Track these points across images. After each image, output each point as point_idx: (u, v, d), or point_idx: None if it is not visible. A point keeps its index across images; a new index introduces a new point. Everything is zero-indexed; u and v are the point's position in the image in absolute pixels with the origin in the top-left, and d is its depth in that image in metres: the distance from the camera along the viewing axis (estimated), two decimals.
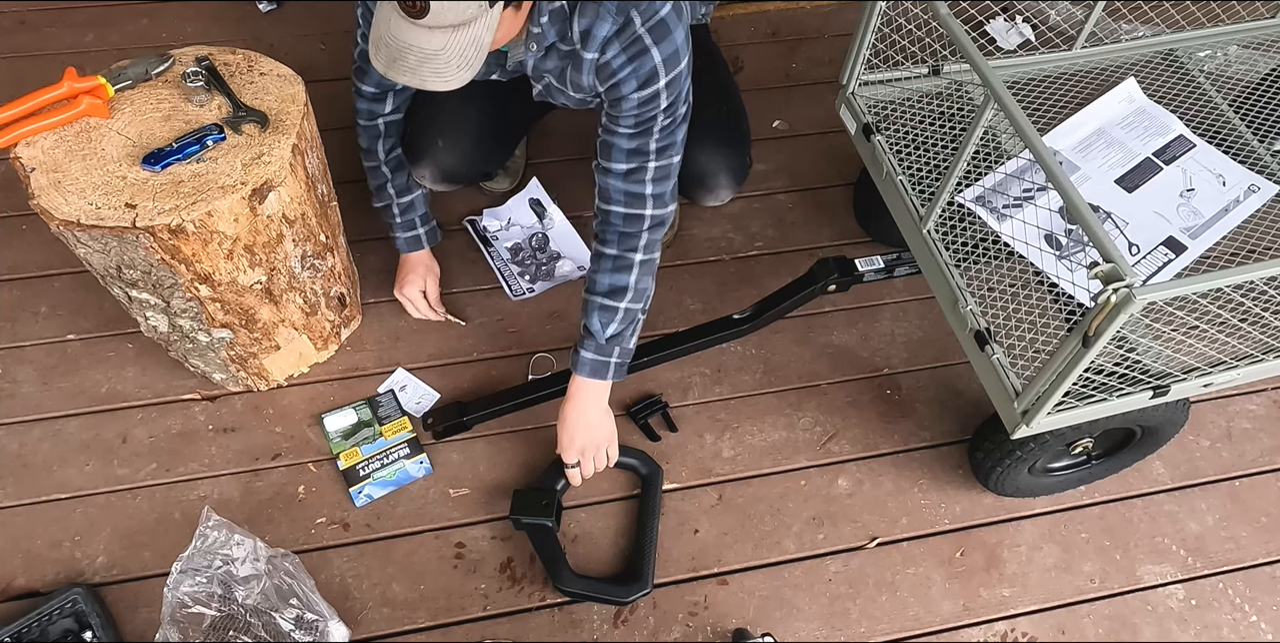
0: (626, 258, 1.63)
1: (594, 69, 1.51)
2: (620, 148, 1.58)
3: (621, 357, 1.69)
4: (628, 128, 1.56)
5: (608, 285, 1.64)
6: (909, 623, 1.75)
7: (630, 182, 1.60)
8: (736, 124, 1.87)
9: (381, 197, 1.87)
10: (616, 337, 1.67)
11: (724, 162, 1.81)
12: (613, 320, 1.65)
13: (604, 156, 1.61)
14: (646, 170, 1.59)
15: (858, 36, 1.70)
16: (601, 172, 1.62)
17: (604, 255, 1.64)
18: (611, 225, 1.63)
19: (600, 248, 1.65)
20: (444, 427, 1.87)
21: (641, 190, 1.61)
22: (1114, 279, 1.19)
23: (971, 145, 1.46)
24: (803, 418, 1.97)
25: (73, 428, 1.88)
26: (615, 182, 1.60)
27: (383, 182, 1.85)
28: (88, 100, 1.52)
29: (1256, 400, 2.04)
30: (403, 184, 1.86)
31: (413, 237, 1.93)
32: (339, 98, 1.67)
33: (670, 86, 1.51)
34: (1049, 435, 1.61)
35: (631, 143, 1.57)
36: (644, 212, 1.62)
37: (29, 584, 1.70)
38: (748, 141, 1.89)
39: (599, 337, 1.66)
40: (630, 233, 1.63)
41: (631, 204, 1.61)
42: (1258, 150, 1.81)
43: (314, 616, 1.59)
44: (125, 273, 1.56)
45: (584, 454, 1.74)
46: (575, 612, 1.73)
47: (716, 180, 1.83)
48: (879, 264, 1.83)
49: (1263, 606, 1.80)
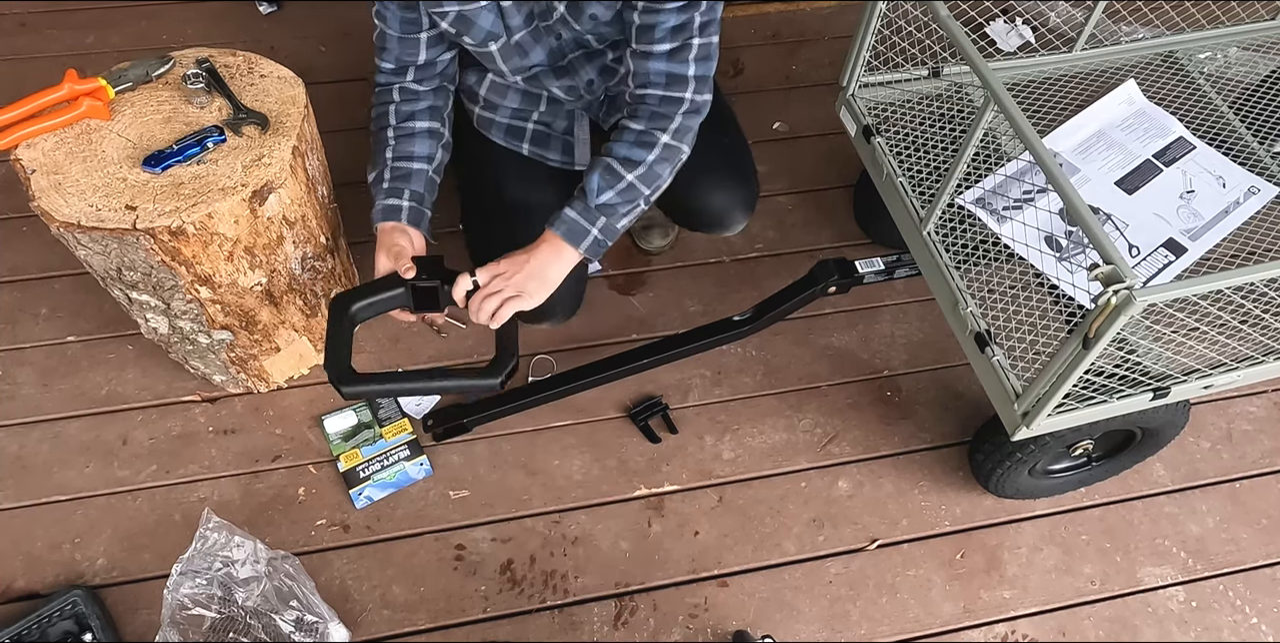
0: (652, 135, 1.56)
1: None
2: (665, 26, 1.49)
3: (604, 233, 1.58)
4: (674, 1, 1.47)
5: (623, 155, 1.56)
6: (909, 625, 1.75)
7: (674, 61, 1.52)
8: (740, 156, 1.86)
9: (377, 163, 1.66)
10: (608, 206, 1.56)
11: (734, 197, 1.81)
12: (612, 187, 1.56)
13: (642, 39, 1.51)
14: (691, 48, 1.51)
15: (857, 38, 1.70)
16: (640, 56, 1.53)
17: (628, 129, 1.56)
18: (646, 105, 1.56)
19: (627, 122, 1.57)
20: (445, 428, 1.87)
21: (684, 71, 1.53)
22: (1114, 281, 1.19)
23: (971, 147, 1.46)
24: (803, 420, 1.97)
25: (73, 430, 1.88)
26: (657, 63, 1.52)
27: (382, 147, 1.66)
28: (88, 102, 1.52)
29: (1257, 402, 2.04)
30: (405, 151, 1.66)
31: (392, 206, 1.63)
32: (340, 100, 1.67)
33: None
34: (1049, 437, 1.61)
35: (678, 18, 1.48)
36: (684, 94, 1.55)
37: (29, 586, 1.70)
38: (753, 170, 1.88)
39: (590, 197, 1.56)
40: (664, 114, 1.56)
41: (672, 85, 1.54)
42: (1258, 152, 1.81)
43: (314, 617, 1.59)
44: (125, 275, 1.56)
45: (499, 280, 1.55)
46: (576, 614, 1.73)
47: (731, 218, 1.83)
48: (879, 266, 1.83)
49: (1263, 607, 1.80)
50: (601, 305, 2.10)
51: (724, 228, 1.86)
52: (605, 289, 2.13)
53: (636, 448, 1.91)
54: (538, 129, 1.82)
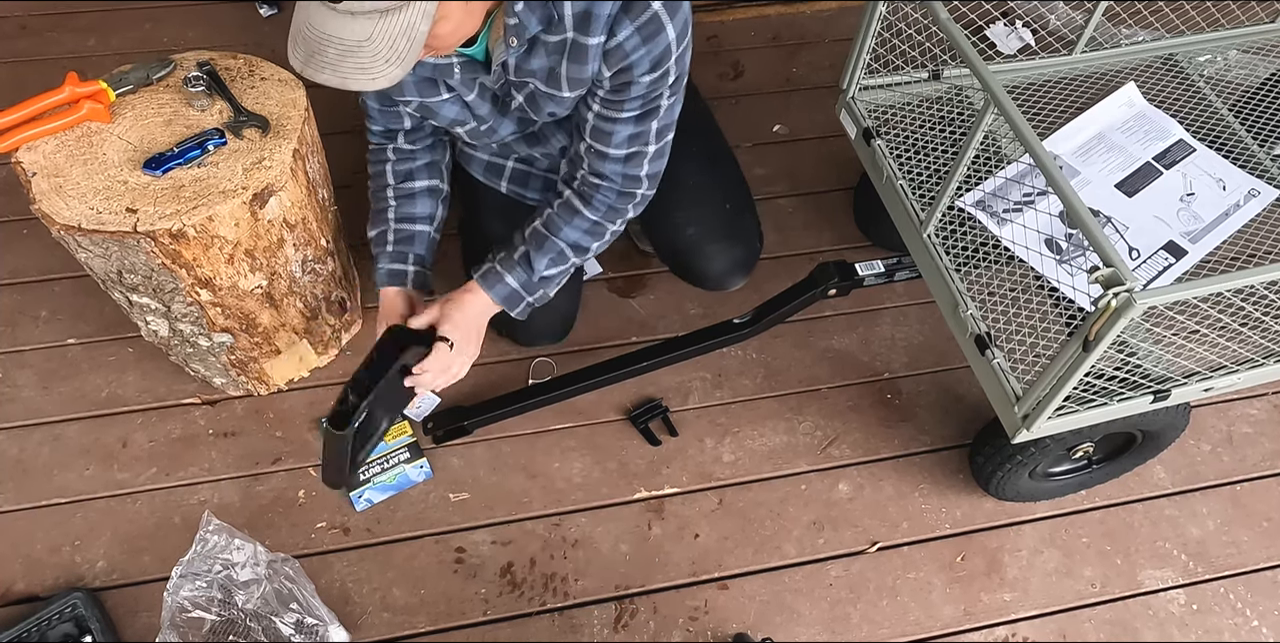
0: (604, 227, 1.59)
1: (601, 55, 1.35)
2: (620, 134, 1.48)
3: (538, 300, 1.63)
4: (632, 111, 1.45)
5: (573, 241, 1.58)
6: (910, 628, 1.75)
7: (629, 165, 1.53)
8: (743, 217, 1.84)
9: (378, 222, 1.69)
10: (548, 280, 1.61)
11: (735, 262, 1.82)
12: (557, 266, 1.60)
13: (598, 140, 1.50)
14: (646, 155, 1.52)
15: (858, 41, 1.70)
16: (595, 155, 1.52)
17: (582, 215, 1.57)
18: (601, 197, 1.56)
19: (579, 205, 1.57)
20: (444, 431, 1.87)
21: (638, 173, 1.54)
22: (1115, 284, 1.19)
23: (972, 150, 1.46)
24: (803, 422, 1.97)
25: (73, 432, 1.88)
26: (613, 166, 1.52)
27: (383, 206, 1.69)
28: (89, 105, 1.52)
29: (1257, 405, 2.04)
30: (407, 213, 1.68)
31: (397, 270, 1.66)
32: (340, 102, 1.67)
33: (678, 62, 1.40)
34: (1050, 440, 1.61)
35: (636, 127, 1.47)
36: (637, 191, 1.57)
37: (29, 589, 1.70)
38: (756, 227, 1.86)
39: (535, 273, 1.59)
40: (617, 209, 1.58)
41: (628, 185, 1.56)
42: (1258, 155, 1.81)
43: (314, 620, 1.59)
44: (126, 277, 1.56)
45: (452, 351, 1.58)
46: (576, 617, 1.73)
47: (731, 281, 1.85)
48: (879, 269, 1.83)
49: (1264, 610, 1.80)
50: (601, 308, 2.10)
51: (722, 289, 1.88)
52: (605, 292, 2.13)
53: (637, 451, 1.91)
54: (517, 168, 1.83)
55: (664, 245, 1.88)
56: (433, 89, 1.51)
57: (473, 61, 1.45)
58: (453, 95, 1.52)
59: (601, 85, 1.42)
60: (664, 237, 1.85)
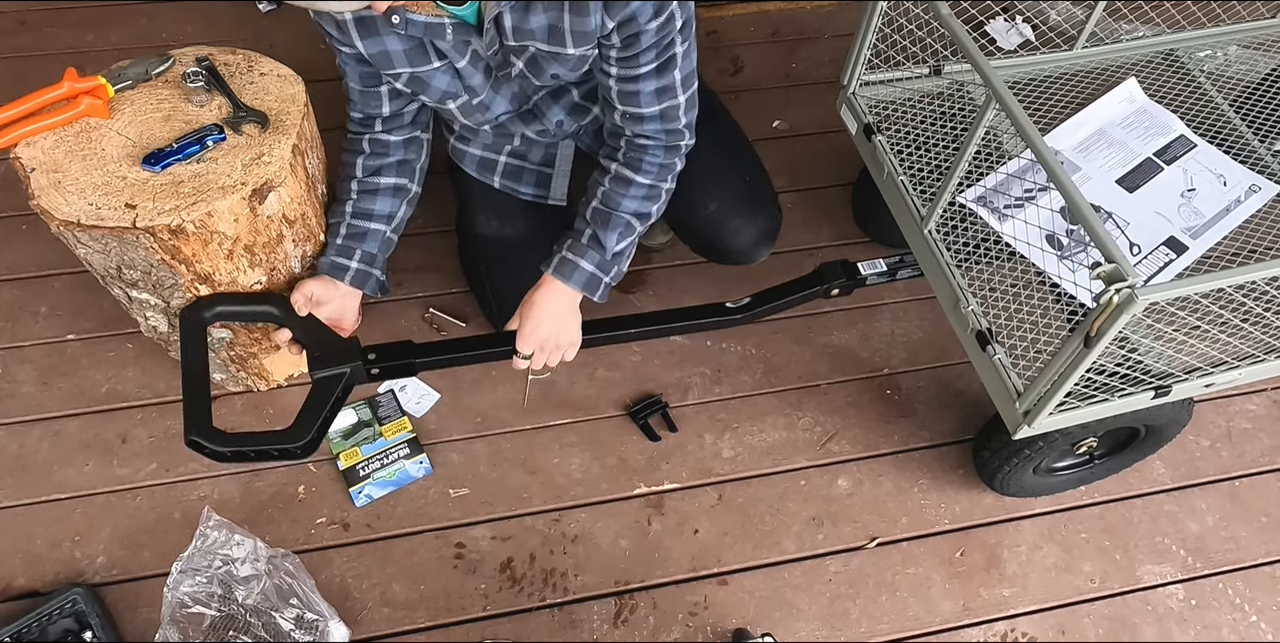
0: (659, 188, 1.61)
1: (603, 5, 1.35)
2: (647, 91, 1.48)
3: (614, 277, 1.65)
4: (650, 63, 1.44)
5: (634, 209, 1.61)
6: (909, 623, 1.75)
7: (667, 121, 1.55)
8: (761, 188, 1.86)
9: (334, 213, 1.69)
10: (620, 255, 1.63)
11: (760, 233, 1.82)
12: (625, 239, 1.62)
13: (629, 103, 1.51)
14: (679, 105, 1.53)
15: (859, 36, 1.70)
16: (632, 119, 1.54)
17: (634, 183, 1.59)
18: (651, 158, 1.58)
19: (630, 174, 1.59)
20: (386, 366, 1.63)
21: (677, 125, 1.56)
22: (1116, 279, 1.19)
23: (973, 145, 1.46)
24: (803, 418, 1.97)
25: (73, 428, 1.88)
26: (651, 125, 1.55)
27: (344, 197, 1.68)
28: (88, 100, 1.52)
29: (1256, 400, 2.04)
30: (365, 208, 1.67)
31: (339, 264, 1.65)
32: (340, 98, 1.66)
33: (681, 6, 1.40)
34: (1058, 434, 1.61)
35: (659, 81, 1.48)
36: (680, 143, 1.59)
37: (29, 584, 1.70)
38: (773, 198, 1.87)
39: (607, 250, 1.61)
40: (667, 165, 1.60)
41: (672, 138, 1.58)
42: (1258, 150, 1.81)
43: (314, 616, 1.59)
44: (125, 273, 1.56)
45: (543, 349, 1.63)
46: (575, 612, 1.73)
47: (758, 253, 1.85)
48: (882, 268, 1.83)
49: (1263, 606, 1.80)
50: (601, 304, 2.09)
51: (749, 262, 1.87)
52: None
53: (636, 446, 1.91)
54: (510, 162, 1.83)
55: (685, 224, 1.87)
56: (423, 57, 1.49)
57: (464, 24, 1.44)
58: (444, 63, 1.51)
59: (612, 45, 1.42)
60: (685, 215, 1.84)
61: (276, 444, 1.48)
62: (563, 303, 1.62)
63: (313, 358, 1.56)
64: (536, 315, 1.61)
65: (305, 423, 1.49)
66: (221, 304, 1.57)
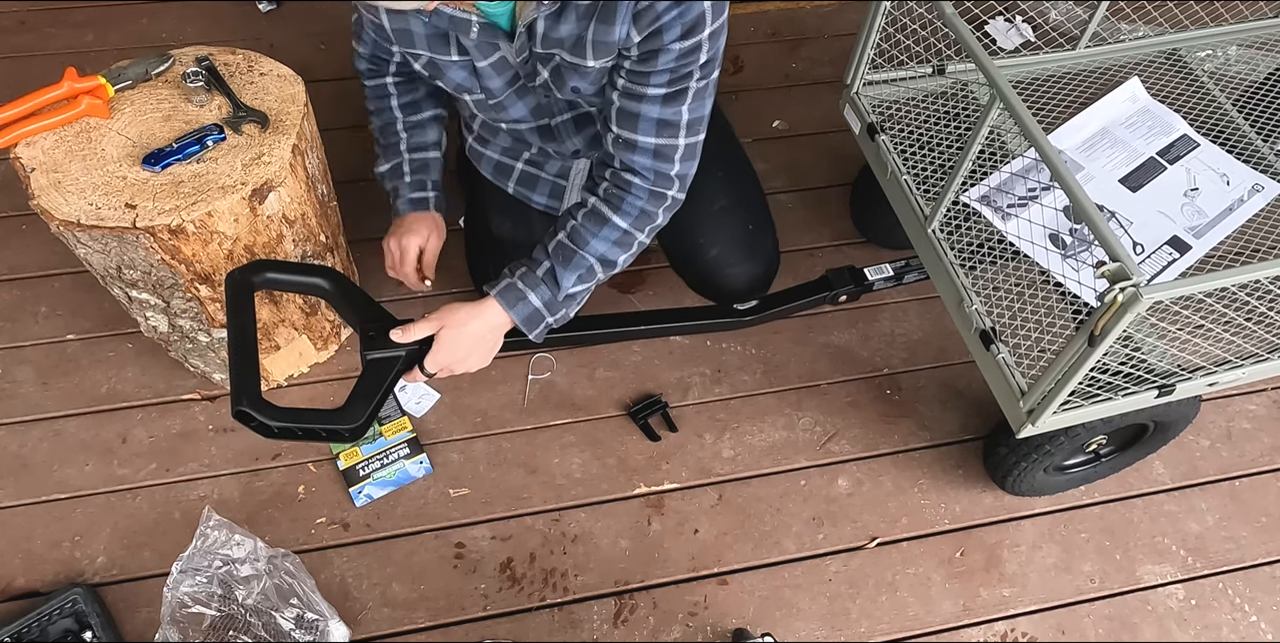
0: (633, 236, 1.51)
1: (631, 16, 1.30)
2: (649, 117, 1.40)
3: (558, 321, 1.54)
4: (659, 86, 1.37)
5: (602, 253, 1.50)
6: (909, 623, 1.75)
7: (660, 160, 1.45)
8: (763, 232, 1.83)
9: (391, 155, 1.68)
10: (572, 298, 1.53)
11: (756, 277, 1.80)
12: (584, 283, 1.52)
13: (625, 125, 1.43)
14: (677, 148, 1.44)
15: (862, 36, 1.70)
16: (623, 145, 1.45)
17: (609, 222, 1.49)
18: (633, 199, 1.48)
19: (607, 211, 1.49)
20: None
21: (669, 170, 1.46)
22: (1121, 278, 1.19)
23: (977, 145, 1.46)
24: (803, 418, 1.97)
25: (72, 428, 1.87)
26: (642, 158, 1.44)
27: (394, 141, 1.68)
28: (88, 100, 1.52)
29: (1256, 400, 2.04)
30: (419, 142, 1.67)
31: (420, 198, 1.68)
32: (339, 98, 1.66)
33: (712, 39, 1.34)
34: (1081, 428, 1.59)
35: (664, 110, 1.40)
36: (668, 192, 1.49)
37: (29, 584, 1.70)
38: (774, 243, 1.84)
39: (561, 290, 1.50)
40: (649, 212, 1.49)
41: (659, 183, 1.47)
42: (1262, 150, 1.81)
43: (314, 615, 1.59)
44: (125, 273, 1.55)
45: (449, 371, 1.52)
46: (575, 612, 1.73)
47: (751, 294, 1.83)
48: (888, 272, 1.83)
49: (1263, 606, 1.80)
50: (602, 304, 2.09)
51: (741, 302, 1.85)
52: (605, 287, 2.13)
53: (636, 446, 1.91)
54: (526, 170, 1.82)
55: (684, 263, 1.84)
56: (443, 47, 1.45)
57: (493, 26, 1.39)
58: (464, 60, 1.46)
59: (629, 55, 1.36)
60: (685, 255, 1.81)
61: (327, 424, 1.40)
62: (491, 329, 1.51)
63: (366, 338, 1.45)
64: (455, 339, 1.48)
65: (358, 406, 1.40)
66: (272, 271, 1.46)
